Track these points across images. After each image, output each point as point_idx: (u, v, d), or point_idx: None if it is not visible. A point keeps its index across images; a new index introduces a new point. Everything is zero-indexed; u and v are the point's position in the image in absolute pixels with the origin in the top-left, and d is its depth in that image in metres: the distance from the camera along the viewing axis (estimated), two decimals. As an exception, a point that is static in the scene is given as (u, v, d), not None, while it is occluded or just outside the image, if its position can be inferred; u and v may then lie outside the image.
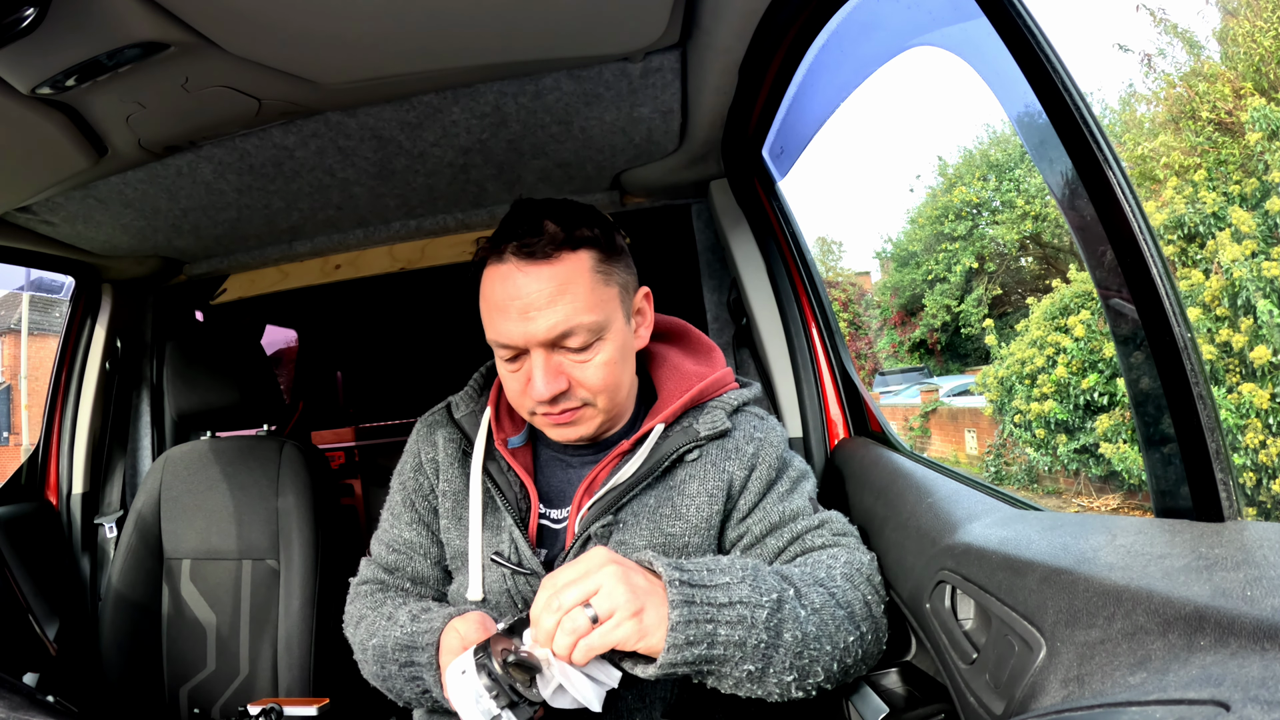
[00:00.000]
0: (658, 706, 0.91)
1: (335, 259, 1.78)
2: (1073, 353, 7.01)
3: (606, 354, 0.86)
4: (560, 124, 1.22)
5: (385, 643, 0.90)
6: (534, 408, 0.88)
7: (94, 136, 1.03)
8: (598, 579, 0.70)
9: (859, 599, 0.83)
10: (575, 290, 0.83)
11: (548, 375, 0.84)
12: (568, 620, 0.69)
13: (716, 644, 0.69)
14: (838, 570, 0.84)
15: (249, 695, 1.52)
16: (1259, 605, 0.40)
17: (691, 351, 1.04)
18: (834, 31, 0.97)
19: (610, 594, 0.69)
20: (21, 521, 1.63)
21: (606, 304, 0.86)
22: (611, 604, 0.68)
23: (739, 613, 0.70)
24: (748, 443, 0.94)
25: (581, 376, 0.86)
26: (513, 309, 0.83)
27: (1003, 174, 15.24)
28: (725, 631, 0.70)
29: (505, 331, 0.84)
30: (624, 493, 0.90)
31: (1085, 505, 7.41)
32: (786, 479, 0.95)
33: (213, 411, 1.58)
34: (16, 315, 15.87)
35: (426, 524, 1.01)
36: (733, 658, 0.70)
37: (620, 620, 0.68)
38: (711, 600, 0.70)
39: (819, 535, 0.91)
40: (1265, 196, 6.34)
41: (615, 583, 0.69)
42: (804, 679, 0.74)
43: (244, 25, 0.82)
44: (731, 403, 0.97)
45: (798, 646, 0.73)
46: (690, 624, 0.68)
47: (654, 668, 0.69)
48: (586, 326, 0.83)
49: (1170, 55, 10.72)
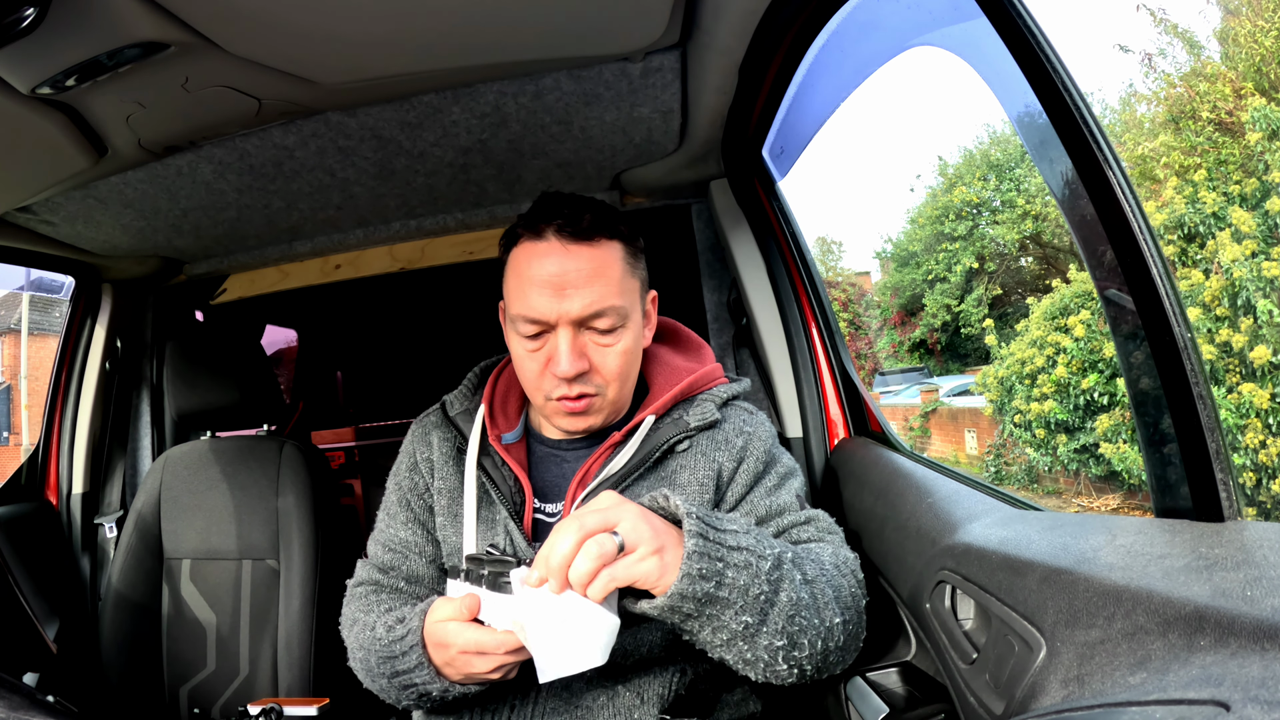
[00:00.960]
0: (655, 704, 0.91)
1: (335, 259, 1.78)
2: (1073, 353, 7.01)
3: (626, 342, 0.90)
4: (560, 124, 1.22)
5: (369, 656, 0.91)
6: (551, 390, 0.90)
7: (94, 136, 1.03)
8: (620, 513, 0.69)
9: (846, 586, 0.84)
10: (610, 274, 0.88)
11: (573, 353, 0.87)
12: (593, 544, 0.66)
13: (724, 584, 0.69)
14: (826, 558, 0.86)
15: (249, 695, 1.52)
16: (1259, 605, 0.40)
17: (681, 349, 1.08)
18: (834, 31, 0.97)
19: (636, 527, 0.68)
20: (21, 521, 1.63)
21: (631, 294, 0.91)
22: (638, 536, 0.68)
23: (745, 558, 0.71)
24: (737, 435, 0.96)
25: (601, 361, 0.89)
26: (550, 284, 0.86)
27: (1003, 174, 15.23)
28: (732, 574, 0.70)
29: (538, 307, 0.86)
30: (617, 484, 0.92)
31: (1085, 505, 7.41)
32: (774, 474, 0.97)
33: (213, 411, 1.58)
34: (16, 315, 15.87)
35: (422, 523, 1.02)
36: (735, 603, 0.70)
37: (645, 554, 0.67)
38: (722, 541, 0.71)
39: (806, 530, 0.92)
40: (1265, 196, 6.34)
41: (638, 519, 0.69)
42: (791, 648, 0.74)
43: (244, 25, 0.82)
44: (721, 395, 1.00)
45: (791, 610, 0.73)
46: (704, 557, 0.68)
47: (664, 598, 0.68)
48: (616, 310, 0.88)
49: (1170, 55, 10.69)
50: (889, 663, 0.90)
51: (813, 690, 1.00)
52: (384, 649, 0.88)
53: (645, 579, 0.68)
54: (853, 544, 1.07)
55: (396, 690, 0.89)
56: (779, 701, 1.04)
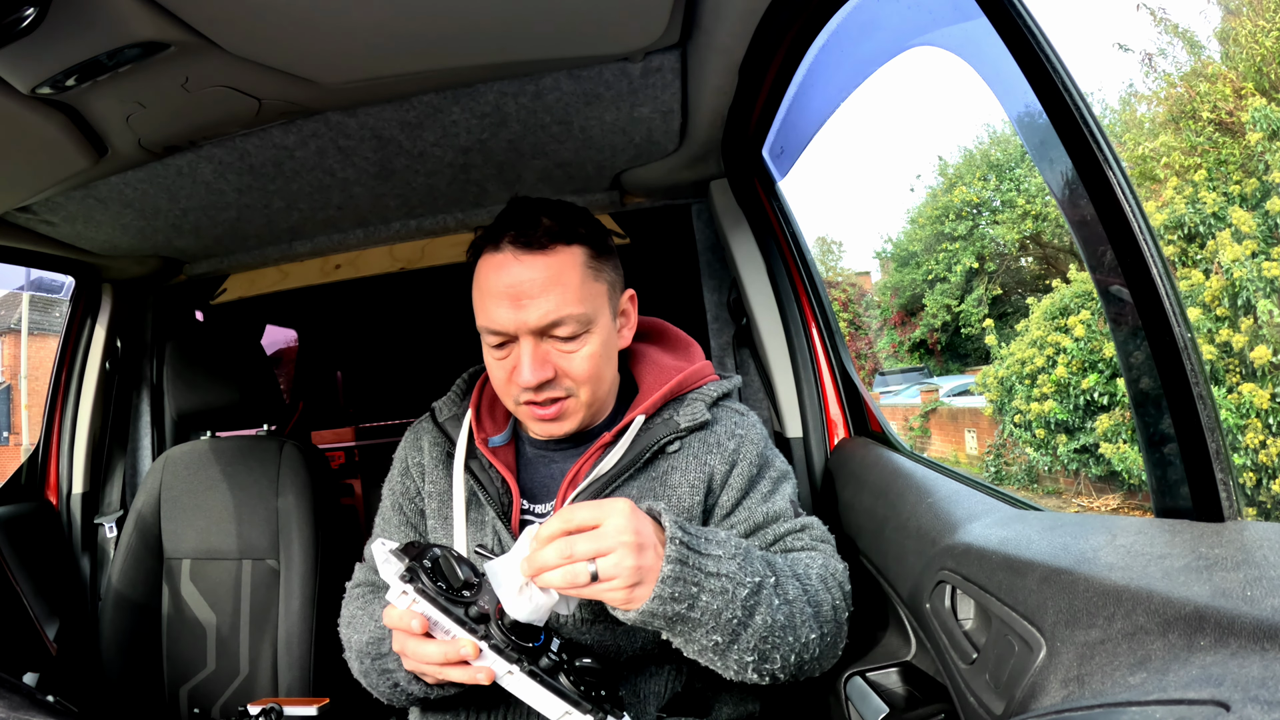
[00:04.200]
0: (652, 702, 0.91)
1: (335, 259, 1.78)
2: (1073, 353, 7.01)
3: (592, 346, 0.90)
4: (560, 124, 1.22)
5: (363, 639, 0.93)
6: (519, 396, 0.91)
7: (94, 136, 1.03)
8: (614, 541, 0.70)
9: (828, 601, 0.85)
10: (567, 282, 0.87)
11: (535, 363, 0.87)
12: (569, 571, 0.70)
13: (695, 608, 0.72)
14: (814, 570, 0.87)
15: (249, 695, 1.52)
16: (1259, 605, 0.40)
17: (670, 348, 1.08)
18: (834, 31, 0.97)
19: (619, 562, 0.70)
20: (21, 521, 1.63)
21: (595, 299, 0.90)
22: (616, 571, 0.70)
23: (722, 584, 0.74)
24: (729, 439, 0.96)
25: (567, 366, 0.89)
26: (506, 296, 0.86)
27: (1003, 174, 15.23)
28: (706, 599, 0.73)
29: (497, 318, 0.87)
30: (607, 484, 0.92)
31: (1085, 505, 7.41)
32: (768, 479, 0.96)
33: (213, 411, 1.58)
34: (16, 315, 15.87)
35: (415, 526, 1.04)
36: (705, 624, 0.73)
37: (615, 587, 0.71)
38: (702, 567, 0.73)
39: (800, 538, 0.93)
40: (1265, 196, 6.34)
41: (627, 553, 0.70)
42: (762, 662, 0.77)
43: (244, 25, 0.82)
44: (711, 394, 0.99)
45: (765, 631, 0.76)
46: (678, 582, 0.71)
47: (634, 613, 0.72)
48: (575, 317, 0.87)
49: (1171, 55, 10.71)
50: (889, 663, 0.90)
51: (812, 690, 1.00)
52: (372, 648, 0.91)
53: (611, 603, 0.72)
54: (853, 544, 1.07)
55: (389, 689, 0.91)
56: (777, 701, 1.04)
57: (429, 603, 0.74)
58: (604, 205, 1.58)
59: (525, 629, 0.74)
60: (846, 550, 1.00)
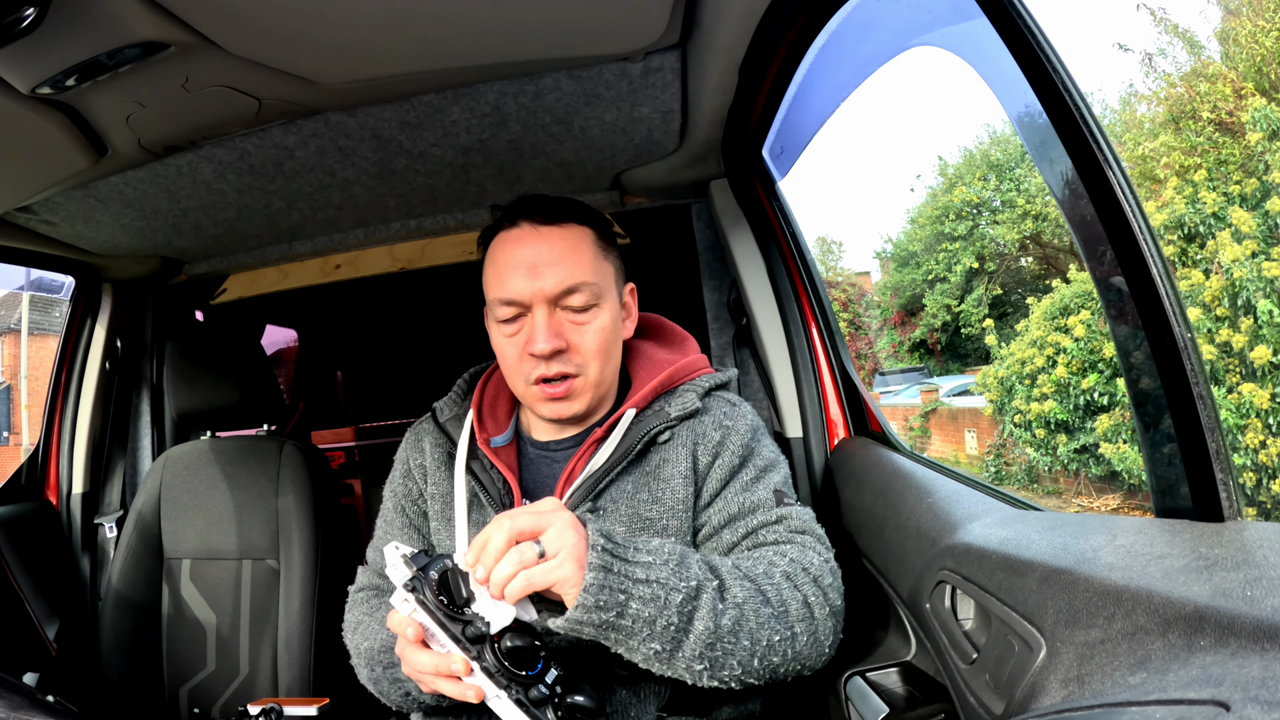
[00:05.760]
0: (652, 701, 0.91)
1: (335, 259, 1.78)
2: (1073, 353, 7.00)
3: (602, 320, 0.93)
4: (560, 124, 1.22)
5: (374, 645, 0.93)
6: (530, 374, 0.91)
7: (94, 136, 1.03)
8: (550, 518, 0.72)
9: (796, 599, 0.82)
10: (581, 253, 0.92)
11: (549, 331, 0.90)
12: (515, 552, 0.70)
13: (626, 615, 0.71)
14: (779, 568, 0.84)
15: (249, 695, 1.52)
16: (1259, 605, 0.40)
17: (665, 342, 1.09)
18: (834, 31, 0.97)
19: (560, 534, 0.71)
20: (21, 521, 1.63)
21: (605, 275, 0.95)
22: (560, 544, 0.71)
23: (654, 591, 0.72)
24: (716, 429, 0.96)
25: (579, 340, 0.91)
26: (523, 265, 0.90)
27: (1003, 174, 15.22)
28: (636, 606, 0.72)
29: (513, 287, 0.90)
30: (601, 478, 0.92)
31: (1085, 505, 7.41)
32: (752, 468, 0.95)
33: (213, 411, 1.58)
34: (16, 315, 15.87)
35: (417, 528, 1.04)
36: (640, 633, 0.72)
37: (563, 560, 0.70)
38: (629, 574, 0.72)
39: (773, 531, 0.91)
40: (1265, 196, 6.34)
41: (566, 526, 0.72)
42: (716, 670, 0.76)
43: (244, 25, 0.82)
44: (703, 385, 1.00)
45: (709, 638, 0.74)
46: (603, 589, 0.70)
47: (563, 620, 0.72)
48: (589, 286, 0.91)
49: (1171, 55, 10.70)
50: (889, 663, 0.90)
51: (813, 690, 1.00)
52: (384, 656, 0.91)
53: (561, 584, 0.71)
54: (853, 544, 1.07)
55: (401, 698, 0.91)
56: (778, 701, 1.04)
57: (428, 615, 0.74)
58: (604, 205, 1.58)
59: (521, 656, 0.73)
60: (846, 550, 1.00)
